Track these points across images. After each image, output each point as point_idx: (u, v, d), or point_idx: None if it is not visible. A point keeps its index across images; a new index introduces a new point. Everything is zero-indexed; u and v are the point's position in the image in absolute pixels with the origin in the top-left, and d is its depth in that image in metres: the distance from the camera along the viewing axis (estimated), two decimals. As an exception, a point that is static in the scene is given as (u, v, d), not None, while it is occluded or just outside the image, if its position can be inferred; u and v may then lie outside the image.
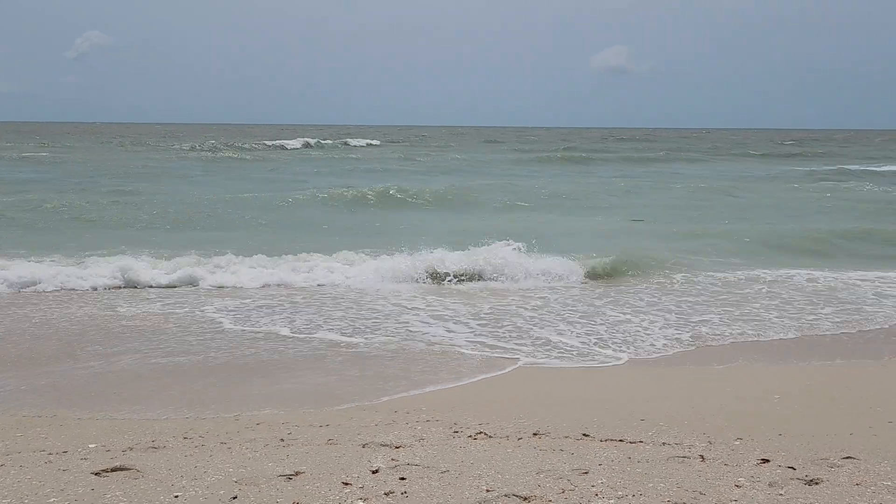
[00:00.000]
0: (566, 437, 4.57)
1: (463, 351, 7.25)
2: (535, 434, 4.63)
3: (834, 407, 5.44)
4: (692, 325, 8.38)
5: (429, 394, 6.02)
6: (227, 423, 5.03)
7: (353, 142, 59.96)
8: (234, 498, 3.51)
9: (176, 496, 3.53)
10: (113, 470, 3.89)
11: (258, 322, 8.29)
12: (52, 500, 3.49)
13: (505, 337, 7.77)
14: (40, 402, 5.54)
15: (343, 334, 7.80)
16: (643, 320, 8.55)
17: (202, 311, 8.79)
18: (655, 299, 9.66)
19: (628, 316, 8.75)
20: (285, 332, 7.89)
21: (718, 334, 8.02)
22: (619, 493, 3.55)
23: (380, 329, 8.02)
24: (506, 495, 3.53)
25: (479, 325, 8.26)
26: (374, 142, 61.59)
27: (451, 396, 5.95)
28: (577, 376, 6.68)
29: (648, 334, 7.98)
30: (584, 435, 4.61)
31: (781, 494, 3.53)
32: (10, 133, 74.76)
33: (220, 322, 8.28)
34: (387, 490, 3.59)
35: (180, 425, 4.95)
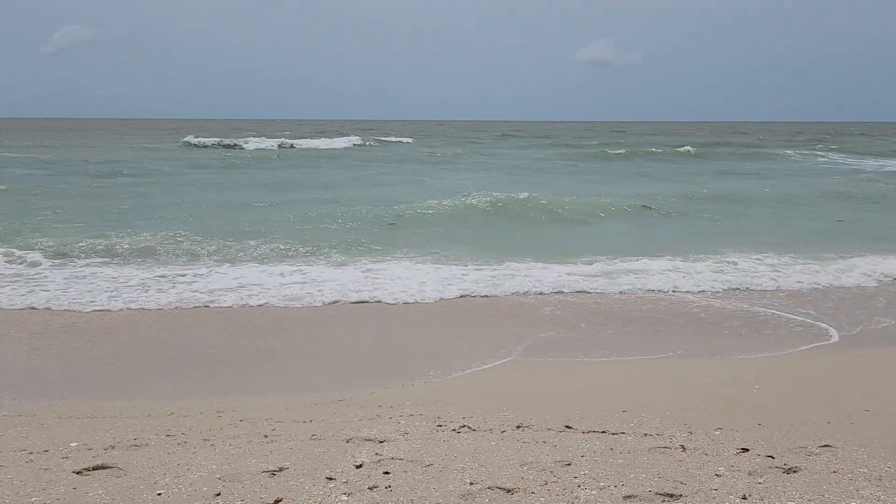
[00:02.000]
0: (549, 429, 4.60)
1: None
2: (518, 427, 4.66)
3: (812, 396, 5.52)
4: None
5: (413, 388, 6.04)
6: (210, 419, 5.02)
7: (384, 139, 56.97)
8: (218, 495, 3.51)
9: (159, 494, 3.52)
10: (95, 468, 3.86)
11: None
12: (34, 499, 3.46)
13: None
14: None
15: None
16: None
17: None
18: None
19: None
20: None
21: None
22: (602, 483, 3.58)
23: None
24: (489, 488, 3.55)
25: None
26: (405, 139, 58.73)
27: (435, 390, 5.97)
28: (559, 368, 6.72)
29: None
30: (566, 427, 4.64)
31: (760, 482, 3.57)
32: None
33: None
34: (371, 484, 3.60)
35: (163, 422, 4.93)
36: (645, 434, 4.48)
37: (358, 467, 3.85)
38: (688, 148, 43.99)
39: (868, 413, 4.96)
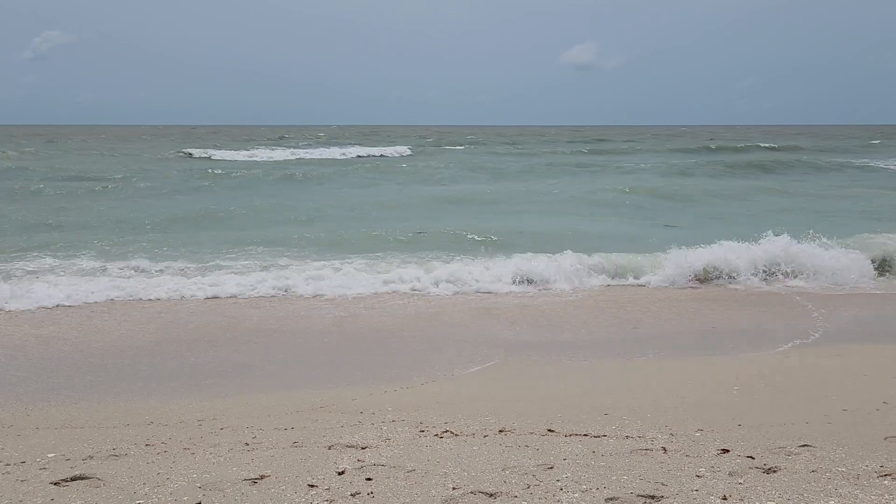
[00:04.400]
0: (531, 432, 4.61)
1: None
2: (500, 431, 4.66)
3: (790, 397, 5.58)
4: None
5: (395, 393, 6.02)
6: (191, 428, 4.97)
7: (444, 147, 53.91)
8: (198, 504, 3.48)
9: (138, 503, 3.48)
10: (73, 479, 3.81)
11: None
12: (10, 511, 3.41)
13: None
14: None
15: None
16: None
17: None
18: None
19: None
20: None
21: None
22: (584, 486, 3.59)
23: None
24: (472, 492, 3.54)
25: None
26: (458, 147, 55.78)
27: (417, 395, 5.96)
28: (541, 371, 6.74)
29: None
30: (549, 430, 4.65)
31: (741, 483, 3.60)
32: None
33: None
34: (353, 491, 3.58)
35: (142, 432, 4.87)
36: (627, 436, 4.51)
37: (340, 474, 3.83)
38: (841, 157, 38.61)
39: (845, 413, 5.02)
